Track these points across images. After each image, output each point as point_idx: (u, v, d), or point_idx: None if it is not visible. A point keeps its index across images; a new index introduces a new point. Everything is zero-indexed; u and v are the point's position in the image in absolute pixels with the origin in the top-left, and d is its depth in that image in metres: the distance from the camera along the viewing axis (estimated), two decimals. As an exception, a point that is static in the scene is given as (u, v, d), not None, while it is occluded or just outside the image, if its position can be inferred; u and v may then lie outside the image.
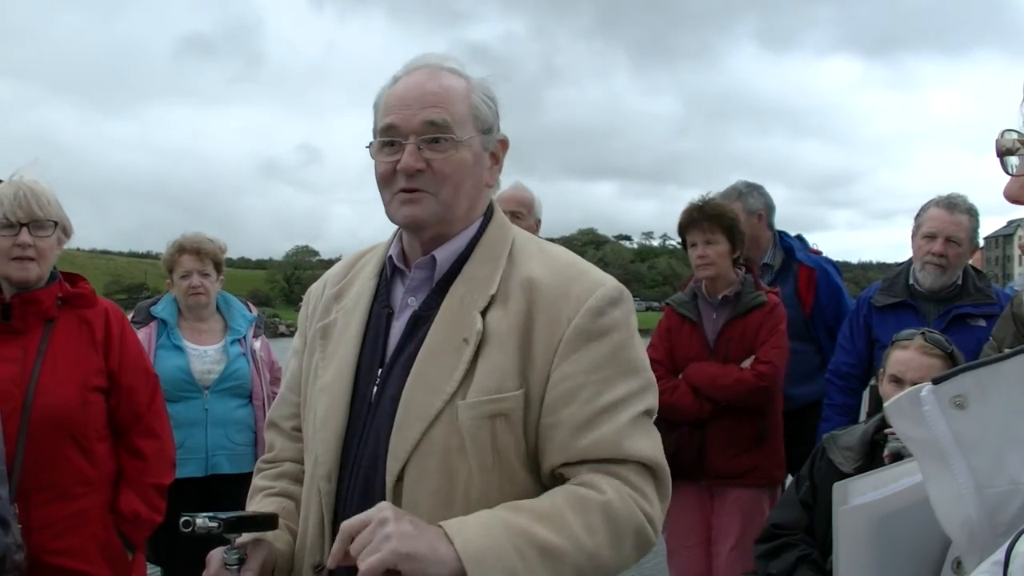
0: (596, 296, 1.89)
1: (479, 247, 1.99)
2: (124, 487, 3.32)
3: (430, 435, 1.84)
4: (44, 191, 3.22)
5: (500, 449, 1.84)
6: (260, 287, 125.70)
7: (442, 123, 1.91)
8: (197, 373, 4.69)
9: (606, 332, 1.88)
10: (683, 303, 4.64)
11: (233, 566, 1.86)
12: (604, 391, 1.85)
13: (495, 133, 2.03)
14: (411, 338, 1.95)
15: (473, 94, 1.98)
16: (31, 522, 3.01)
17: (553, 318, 1.87)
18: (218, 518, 1.80)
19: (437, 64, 2.00)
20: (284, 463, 2.18)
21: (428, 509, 1.82)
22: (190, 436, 4.53)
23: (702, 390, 4.40)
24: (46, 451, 3.08)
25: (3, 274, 3.18)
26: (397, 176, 1.92)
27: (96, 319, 3.31)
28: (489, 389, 1.83)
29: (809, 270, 5.25)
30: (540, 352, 1.86)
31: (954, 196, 4.54)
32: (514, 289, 1.91)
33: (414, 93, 1.94)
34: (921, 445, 1.26)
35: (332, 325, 2.07)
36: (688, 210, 4.67)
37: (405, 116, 1.92)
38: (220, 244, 5.01)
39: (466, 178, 1.95)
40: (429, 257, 1.98)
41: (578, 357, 1.85)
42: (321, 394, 2.00)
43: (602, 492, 1.78)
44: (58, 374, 3.14)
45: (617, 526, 1.78)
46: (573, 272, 1.95)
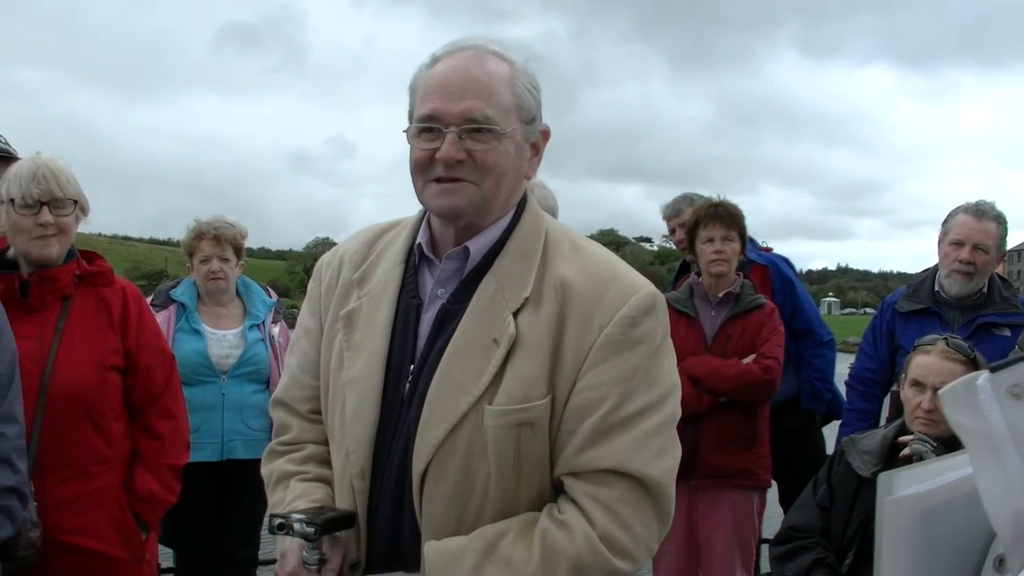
0: (630, 305, 1.85)
1: (512, 240, 1.94)
2: (139, 467, 3.32)
3: (454, 436, 1.83)
4: (63, 169, 3.21)
5: (522, 456, 1.83)
6: (280, 278, 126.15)
7: (484, 120, 1.84)
8: (215, 357, 4.69)
9: (637, 343, 1.84)
10: (680, 300, 4.69)
11: (313, 566, 1.84)
12: (625, 402, 1.82)
13: (537, 123, 1.97)
14: (441, 333, 1.91)
15: (518, 82, 1.91)
16: (46, 500, 3.02)
17: (585, 324, 1.83)
18: (314, 522, 1.79)
19: (482, 47, 1.92)
20: (306, 445, 2.13)
21: (444, 509, 1.84)
22: (206, 420, 4.54)
23: (703, 381, 4.43)
24: (62, 429, 3.09)
25: (24, 252, 3.18)
26: (434, 164, 1.86)
27: (113, 298, 3.31)
28: (517, 397, 1.81)
29: (762, 268, 5.30)
30: (569, 358, 1.83)
31: (982, 203, 4.50)
32: (547, 291, 1.87)
33: (457, 78, 1.86)
34: (974, 435, 1.23)
35: (357, 312, 2.01)
36: (706, 206, 4.79)
37: (447, 104, 1.84)
38: (240, 229, 4.98)
39: (508, 170, 1.89)
40: (462, 248, 1.93)
41: (606, 367, 1.82)
42: (350, 387, 1.96)
43: (573, 539, 1.78)
44: (75, 352, 3.14)
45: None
46: (608, 275, 1.90)
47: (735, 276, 4.69)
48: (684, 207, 5.55)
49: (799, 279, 5.59)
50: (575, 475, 1.84)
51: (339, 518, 1.89)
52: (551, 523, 1.81)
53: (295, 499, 2.00)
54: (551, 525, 1.80)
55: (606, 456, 1.80)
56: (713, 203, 4.77)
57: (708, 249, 4.63)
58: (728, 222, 4.63)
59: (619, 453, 1.81)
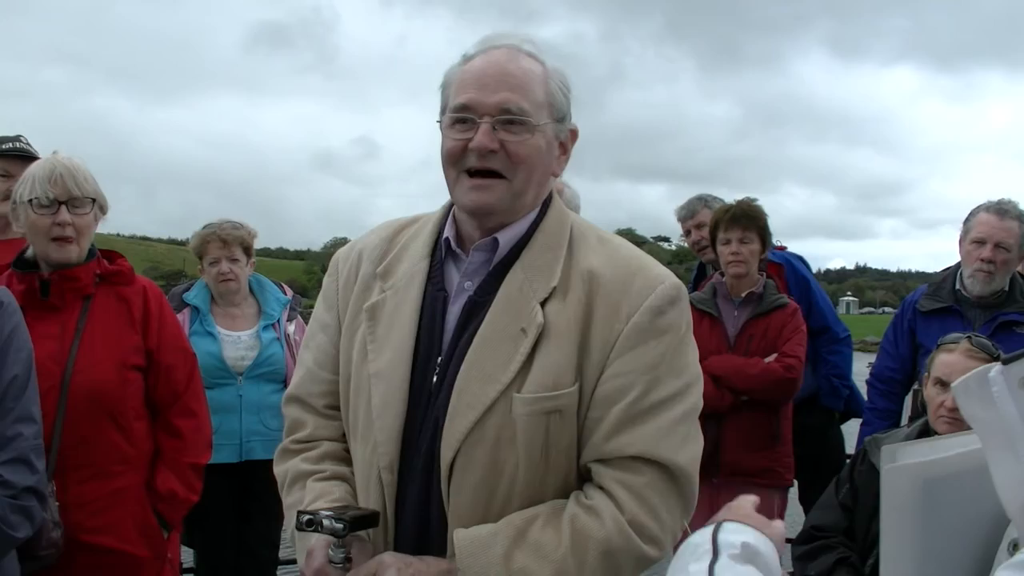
0: (656, 294, 1.88)
1: (539, 233, 1.96)
2: (161, 466, 3.32)
3: (482, 424, 1.84)
4: (80, 168, 3.21)
5: (550, 444, 1.85)
6: (298, 277, 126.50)
7: (518, 111, 1.87)
8: (230, 359, 4.70)
9: (664, 332, 1.87)
10: (703, 300, 4.72)
11: (339, 564, 1.85)
12: (652, 390, 1.84)
13: (567, 122, 2.00)
14: (468, 324, 1.93)
15: (551, 80, 1.94)
16: (68, 500, 3.02)
17: (612, 313, 1.86)
18: (342, 519, 1.80)
19: (516, 45, 1.95)
20: (322, 442, 2.13)
21: (472, 497, 1.85)
22: (225, 422, 4.53)
23: (725, 380, 4.44)
24: (84, 429, 3.09)
25: (43, 253, 3.19)
26: (467, 155, 1.88)
27: (134, 297, 3.31)
28: (546, 385, 1.83)
29: (777, 266, 5.32)
30: (597, 346, 1.85)
31: (1004, 202, 4.49)
32: (575, 281, 1.90)
33: (493, 71, 1.89)
34: (987, 426, 1.23)
35: (381, 306, 2.01)
36: (725, 208, 4.83)
37: (482, 95, 1.87)
38: (248, 228, 4.97)
39: (538, 164, 1.92)
40: (491, 239, 1.95)
41: (634, 355, 1.84)
42: (376, 379, 1.96)
43: (603, 523, 1.80)
44: (96, 352, 3.15)
45: (613, 561, 1.80)
46: (634, 266, 1.92)
47: (758, 276, 4.72)
48: (699, 208, 5.59)
49: (814, 277, 5.59)
50: (603, 462, 1.86)
51: (366, 516, 1.89)
52: (580, 508, 1.83)
53: (315, 499, 1.99)
54: (580, 510, 1.82)
55: (634, 443, 1.83)
56: (733, 204, 4.80)
57: (726, 251, 4.69)
58: (745, 224, 4.66)
59: (647, 440, 1.83)
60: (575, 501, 1.85)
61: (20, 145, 4.24)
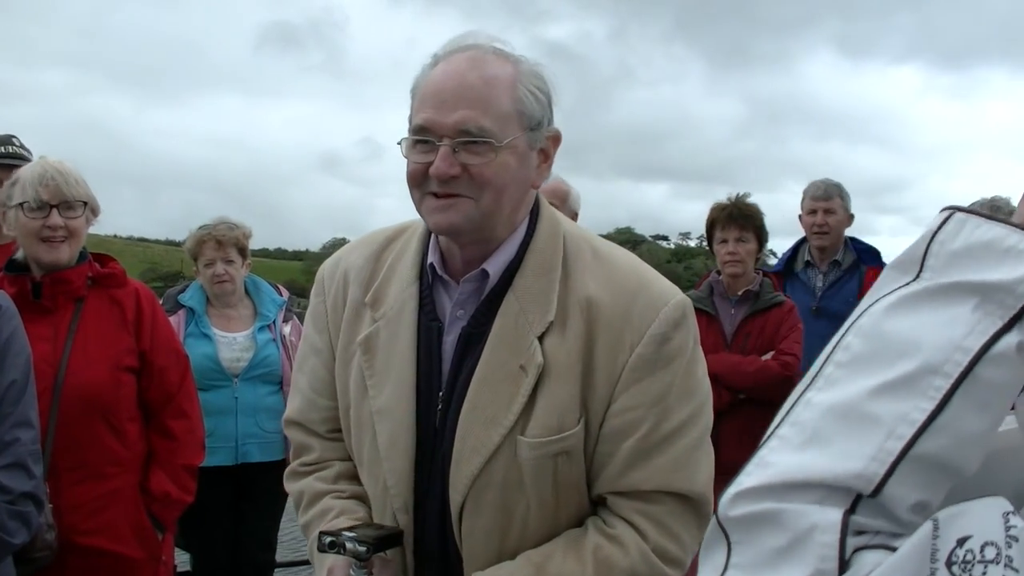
0: (659, 320, 1.79)
1: (530, 255, 1.85)
2: (154, 467, 3.32)
3: (489, 469, 1.79)
4: (71, 171, 3.20)
5: (560, 483, 1.81)
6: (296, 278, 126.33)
7: (478, 132, 1.71)
8: (226, 361, 4.67)
9: (671, 360, 1.79)
10: (700, 299, 4.71)
11: None
12: (663, 421, 1.79)
13: (544, 128, 1.83)
14: (465, 358, 1.85)
15: (520, 85, 1.77)
16: (62, 502, 3.01)
17: (615, 345, 1.78)
18: (366, 542, 1.77)
19: (483, 46, 1.80)
20: (332, 463, 2.07)
21: (484, 539, 1.82)
22: (220, 424, 4.51)
23: (722, 378, 4.43)
24: (77, 431, 3.09)
25: (33, 256, 3.18)
26: (429, 179, 1.75)
27: (127, 299, 3.31)
28: (551, 427, 1.77)
29: (877, 273, 5.24)
30: (601, 381, 1.78)
31: (997, 199, 4.53)
32: (572, 311, 1.80)
33: (451, 86, 1.74)
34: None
35: (375, 337, 1.92)
36: (720, 206, 4.82)
37: (439, 114, 1.72)
38: (243, 229, 4.92)
39: (509, 183, 1.77)
40: (479, 271, 1.84)
41: (640, 388, 1.78)
42: (380, 417, 1.90)
43: (627, 553, 1.77)
44: (89, 353, 3.14)
45: None
46: (634, 288, 1.82)
47: (754, 274, 4.74)
48: (835, 195, 5.48)
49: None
50: (619, 494, 1.82)
51: (389, 536, 1.85)
52: (602, 538, 1.79)
53: (338, 515, 1.95)
54: (603, 540, 1.79)
55: (651, 478, 1.79)
56: (729, 203, 4.80)
57: (722, 250, 4.71)
58: (742, 223, 4.69)
59: (663, 474, 1.79)
60: (596, 530, 1.81)
61: (13, 150, 4.22)
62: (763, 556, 0.83)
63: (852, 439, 0.84)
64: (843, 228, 5.46)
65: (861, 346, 0.89)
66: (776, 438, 0.89)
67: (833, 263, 5.42)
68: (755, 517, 0.84)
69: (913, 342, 0.85)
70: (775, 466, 0.86)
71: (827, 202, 5.41)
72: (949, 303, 0.86)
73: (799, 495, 0.83)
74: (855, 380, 0.87)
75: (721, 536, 0.87)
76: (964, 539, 0.76)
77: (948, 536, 0.77)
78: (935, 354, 0.84)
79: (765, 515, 0.84)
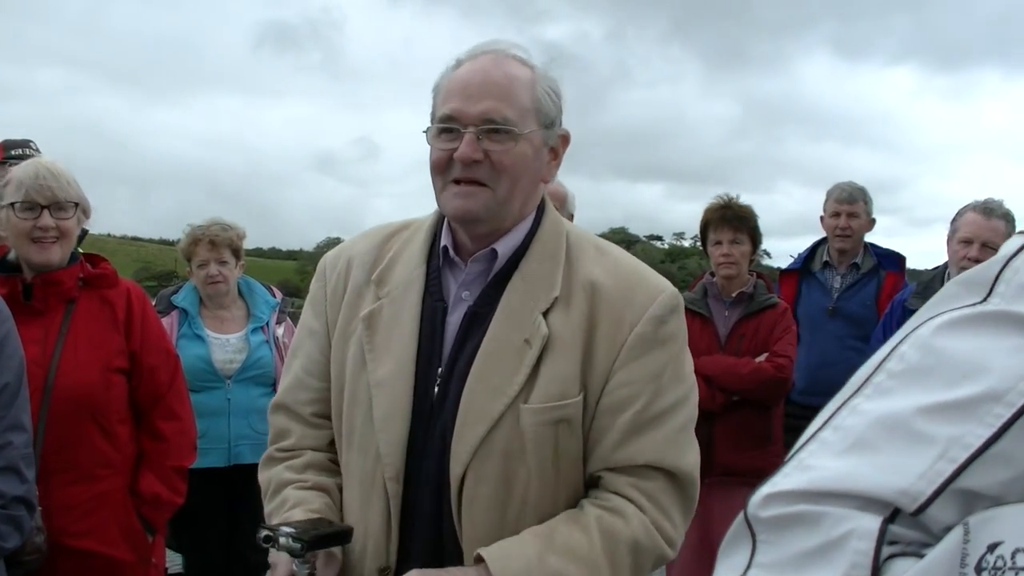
0: (658, 304, 1.90)
1: (536, 242, 1.96)
2: (144, 469, 3.31)
3: (491, 438, 1.84)
4: (64, 172, 3.19)
5: (560, 454, 1.86)
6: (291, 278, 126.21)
7: (501, 120, 1.85)
8: (218, 363, 4.67)
9: (666, 341, 1.90)
10: (694, 300, 4.72)
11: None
12: (657, 398, 1.87)
13: (557, 128, 1.98)
14: (469, 336, 1.93)
15: (538, 86, 1.92)
16: (52, 504, 3.00)
17: (616, 323, 1.88)
18: (302, 538, 1.77)
19: (504, 51, 1.94)
20: (306, 452, 2.11)
21: (484, 511, 1.85)
22: (213, 426, 4.51)
23: (716, 380, 4.46)
24: (68, 433, 3.08)
25: (25, 257, 3.17)
26: (452, 164, 1.87)
27: (118, 300, 3.29)
28: (553, 395, 1.84)
29: (897, 279, 5.40)
30: (601, 356, 1.87)
31: (991, 201, 4.55)
32: (576, 291, 1.90)
33: (477, 80, 1.88)
34: None
35: (378, 313, 1.99)
36: (715, 208, 4.81)
37: (466, 104, 1.86)
38: (237, 230, 4.91)
39: (524, 173, 1.90)
40: (489, 250, 1.94)
41: (638, 364, 1.87)
42: (377, 389, 1.94)
43: (628, 522, 1.82)
44: (80, 355, 3.13)
45: (639, 560, 1.84)
46: (635, 278, 1.94)
47: (748, 276, 4.74)
48: (860, 198, 5.51)
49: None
50: (614, 470, 1.88)
51: (331, 534, 1.87)
52: (602, 511, 1.85)
53: (293, 507, 1.98)
54: (603, 512, 1.84)
55: (644, 451, 1.86)
56: (722, 204, 4.78)
57: (716, 252, 4.71)
58: (736, 224, 4.68)
59: (656, 448, 1.86)
60: (594, 505, 1.86)
61: (29, 152, 4.20)
62: (791, 557, 0.82)
63: (901, 454, 0.82)
64: (864, 232, 5.52)
65: (918, 359, 0.87)
66: (817, 441, 0.87)
67: (852, 266, 5.47)
68: (789, 518, 0.83)
69: (978, 365, 0.83)
70: (815, 470, 0.84)
71: (851, 205, 5.46)
72: (1013, 332, 0.84)
73: (837, 502, 0.81)
74: (909, 393, 0.85)
75: (747, 534, 0.85)
76: (995, 545, 0.75)
77: (979, 541, 0.76)
78: (1000, 382, 0.82)
79: (800, 516, 0.82)
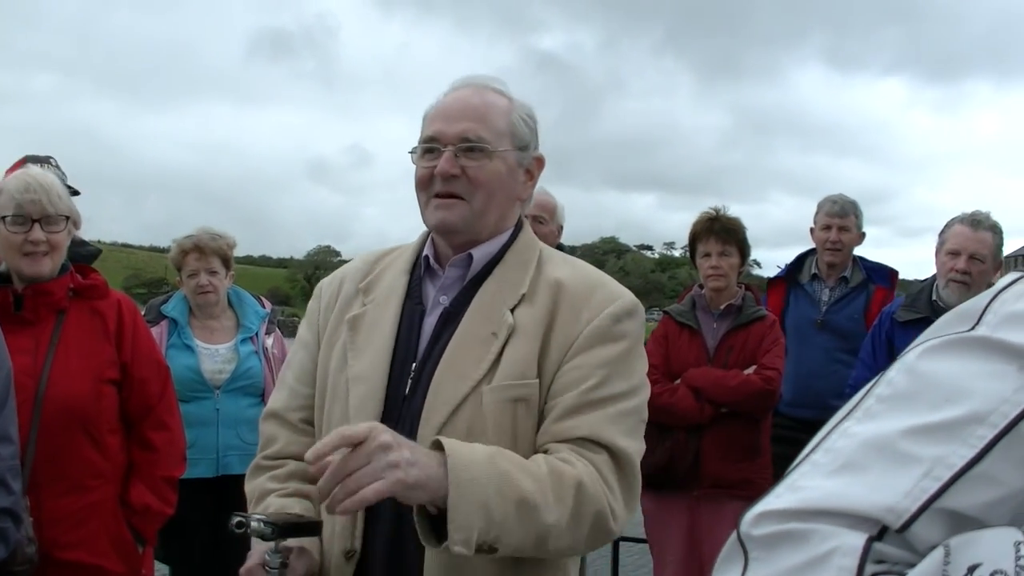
0: (616, 304, 2.04)
1: (510, 252, 2.14)
2: (134, 479, 3.31)
3: (455, 419, 1.95)
4: (54, 184, 3.20)
5: (519, 434, 1.96)
6: (281, 285, 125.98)
7: (476, 139, 2.05)
8: (208, 373, 4.66)
9: (620, 337, 2.02)
10: (682, 312, 4.74)
11: (274, 569, 1.89)
12: (604, 384, 1.97)
13: (531, 151, 2.17)
14: (442, 333, 2.07)
15: (513, 113, 2.12)
16: (42, 515, 3.00)
17: (574, 316, 2.02)
18: (272, 523, 1.84)
19: (483, 84, 2.16)
20: (289, 461, 2.18)
21: None
22: (201, 436, 4.50)
23: (705, 392, 4.47)
24: (58, 443, 3.08)
25: (15, 269, 3.17)
26: (434, 180, 2.06)
27: (108, 310, 3.30)
28: (513, 375, 1.97)
29: (886, 293, 5.37)
30: (557, 345, 2.00)
31: (978, 213, 4.56)
32: (542, 288, 2.06)
33: (457, 106, 2.10)
34: None
35: (362, 317, 2.15)
36: (703, 220, 4.79)
37: (446, 126, 2.07)
38: (227, 239, 4.90)
39: (499, 188, 2.09)
40: (466, 255, 2.12)
41: (591, 354, 1.99)
42: (353, 383, 2.07)
43: (574, 466, 1.88)
44: (70, 365, 3.13)
45: (582, 504, 1.86)
46: (597, 283, 2.10)
47: (736, 288, 4.73)
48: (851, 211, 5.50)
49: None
50: (558, 441, 1.95)
51: (302, 524, 1.95)
52: (551, 457, 1.92)
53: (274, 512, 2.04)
54: (551, 457, 1.92)
55: (582, 425, 1.94)
56: (711, 216, 4.77)
57: (705, 264, 4.69)
58: (725, 237, 4.66)
59: (596, 423, 1.94)
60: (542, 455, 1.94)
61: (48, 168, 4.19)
62: (780, 572, 0.84)
63: (888, 473, 0.85)
64: (854, 246, 5.49)
65: (905, 383, 0.91)
66: (809, 463, 0.90)
67: (841, 279, 5.45)
68: (779, 536, 0.85)
69: (961, 389, 0.87)
70: (805, 490, 0.87)
71: (843, 219, 5.43)
72: (996, 357, 0.88)
73: (826, 520, 0.84)
74: (896, 416, 0.88)
75: (740, 552, 0.88)
76: (975, 567, 0.77)
77: (959, 563, 0.78)
78: (983, 404, 0.85)
79: (790, 534, 0.84)
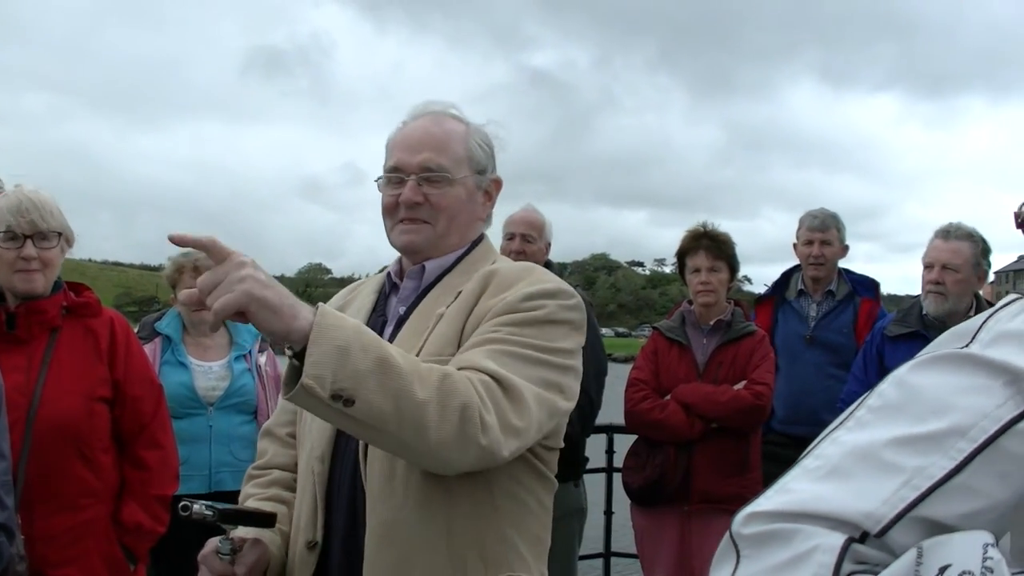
0: (535, 286, 2.07)
1: (462, 263, 2.24)
2: (127, 498, 3.30)
3: None
4: (47, 201, 3.20)
5: None
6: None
7: (436, 168, 2.17)
8: (201, 390, 4.67)
9: (529, 309, 2.03)
10: (672, 328, 4.75)
11: (225, 556, 1.96)
12: (503, 336, 1.97)
13: (489, 174, 2.30)
14: (394, 338, 2.16)
15: (471, 138, 2.25)
16: (34, 533, 2.99)
17: (494, 295, 2.09)
18: (215, 507, 1.89)
19: (441, 111, 2.27)
20: (274, 470, 2.32)
21: (378, 471, 2.01)
22: (194, 453, 4.50)
23: (695, 408, 4.46)
24: (51, 462, 3.07)
25: (8, 286, 3.17)
26: (399, 207, 2.19)
27: (101, 329, 3.30)
28: (434, 352, 2.04)
29: (872, 305, 5.39)
30: (475, 319, 2.07)
31: (951, 224, 4.63)
32: (476, 278, 2.15)
33: (417, 135, 2.21)
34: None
35: None
36: (692, 235, 4.80)
37: (408, 156, 2.19)
38: None
39: (460, 211, 2.22)
40: (419, 266, 2.24)
41: (498, 320, 2.02)
42: None
43: (460, 375, 1.87)
44: (63, 384, 3.13)
45: (447, 391, 1.82)
46: (529, 271, 2.15)
47: (726, 304, 4.74)
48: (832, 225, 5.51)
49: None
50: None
51: (245, 513, 2.04)
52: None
53: None
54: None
55: (473, 358, 1.93)
56: (700, 232, 4.77)
57: (695, 280, 4.69)
58: (715, 252, 4.67)
59: (475, 355, 1.94)
60: None
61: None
62: (766, 568, 0.89)
63: (870, 480, 0.90)
64: (838, 259, 5.50)
65: (894, 395, 0.96)
66: (799, 467, 0.96)
67: (827, 293, 5.45)
68: (767, 535, 0.90)
69: (945, 403, 0.92)
70: (794, 493, 0.93)
71: (824, 233, 5.45)
72: (983, 373, 0.93)
73: (811, 521, 0.89)
74: (883, 426, 0.94)
75: (732, 550, 0.93)
76: (945, 568, 0.81)
77: (930, 564, 0.82)
78: (965, 418, 0.91)
79: (777, 533, 0.90)
